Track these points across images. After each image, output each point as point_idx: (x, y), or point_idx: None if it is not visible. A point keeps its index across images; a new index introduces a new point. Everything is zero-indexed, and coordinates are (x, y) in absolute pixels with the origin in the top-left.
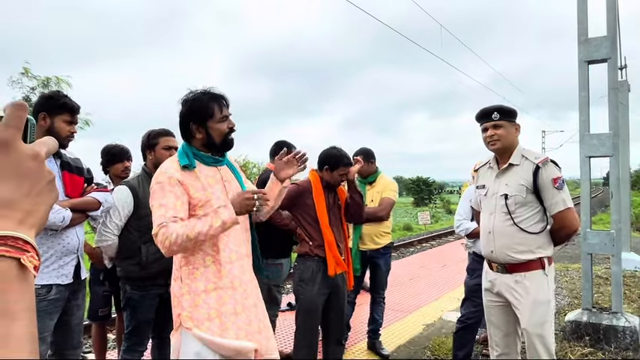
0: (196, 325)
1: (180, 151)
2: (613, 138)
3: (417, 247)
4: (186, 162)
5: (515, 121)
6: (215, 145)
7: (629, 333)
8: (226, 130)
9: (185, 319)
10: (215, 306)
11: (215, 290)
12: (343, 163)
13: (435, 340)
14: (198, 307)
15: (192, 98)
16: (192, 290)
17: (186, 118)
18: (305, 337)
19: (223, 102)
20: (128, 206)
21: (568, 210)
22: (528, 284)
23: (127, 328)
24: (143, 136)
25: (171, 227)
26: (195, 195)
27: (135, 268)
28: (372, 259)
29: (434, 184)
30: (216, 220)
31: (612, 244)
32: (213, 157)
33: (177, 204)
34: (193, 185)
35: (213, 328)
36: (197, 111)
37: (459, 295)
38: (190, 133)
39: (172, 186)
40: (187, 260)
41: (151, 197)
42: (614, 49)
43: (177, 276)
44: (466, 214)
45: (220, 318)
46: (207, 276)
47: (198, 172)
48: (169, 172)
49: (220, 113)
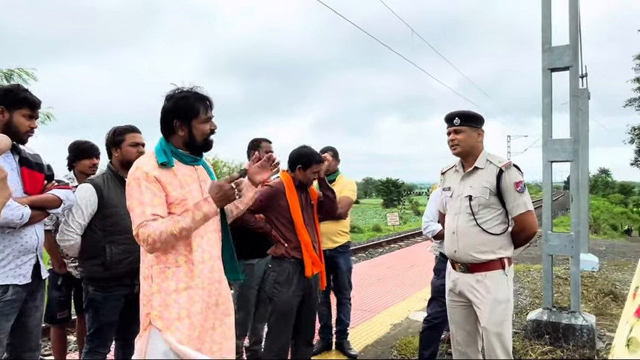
0: (166, 325)
1: (158, 147)
2: (573, 143)
3: (385, 248)
4: (165, 159)
5: (478, 126)
6: (196, 144)
7: (586, 331)
8: (208, 131)
9: (155, 319)
10: (186, 305)
11: (186, 290)
12: (315, 160)
13: (402, 340)
14: (168, 306)
15: (180, 96)
16: (162, 289)
17: (170, 114)
18: (278, 338)
19: (208, 103)
20: (92, 205)
21: (528, 213)
22: (489, 283)
23: (89, 330)
24: (108, 132)
25: (152, 225)
26: (173, 193)
27: (99, 268)
28: (332, 258)
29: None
30: (198, 214)
31: (571, 246)
32: (191, 156)
33: (154, 201)
34: (171, 183)
35: (182, 328)
36: (183, 109)
37: (426, 295)
38: (173, 129)
39: (150, 183)
40: (159, 259)
41: (127, 193)
42: (576, 57)
43: (148, 275)
44: (433, 216)
45: (190, 318)
46: (179, 275)
47: (175, 170)
48: (146, 169)
49: (205, 114)
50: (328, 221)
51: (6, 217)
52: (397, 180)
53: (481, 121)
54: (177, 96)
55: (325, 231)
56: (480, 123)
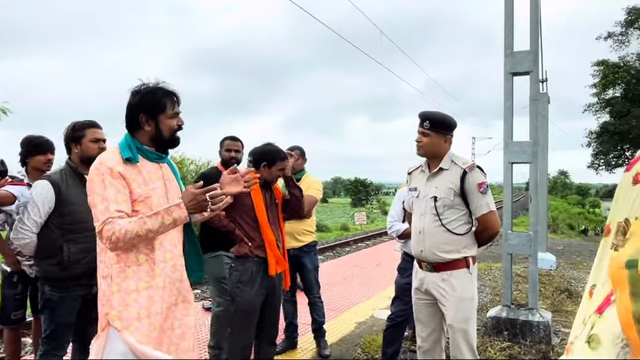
0: (125, 325)
1: (123, 142)
2: (533, 146)
3: (352, 247)
4: (129, 154)
5: (447, 133)
6: (162, 140)
7: (543, 327)
8: (175, 127)
9: (113, 319)
10: (145, 305)
11: (147, 290)
12: (280, 157)
13: (366, 338)
14: (128, 306)
15: (146, 90)
16: (122, 289)
17: (136, 109)
18: (241, 339)
19: (176, 98)
20: (49, 202)
21: (491, 213)
22: (454, 282)
23: (45, 332)
24: (67, 127)
25: (118, 223)
26: (137, 190)
27: (55, 268)
28: (297, 258)
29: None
30: (168, 218)
31: (530, 245)
32: (156, 153)
33: (119, 197)
34: (135, 180)
35: (142, 328)
36: (150, 104)
37: (391, 294)
38: (139, 124)
39: (114, 178)
40: (119, 258)
41: (89, 189)
42: (536, 63)
43: (107, 274)
44: (398, 216)
45: (149, 318)
46: (140, 275)
47: (140, 167)
48: (110, 164)
49: (172, 109)
50: (293, 220)
51: None
52: (365, 180)
53: (452, 127)
54: (143, 91)
55: (290, 230)
56: (450, 130)
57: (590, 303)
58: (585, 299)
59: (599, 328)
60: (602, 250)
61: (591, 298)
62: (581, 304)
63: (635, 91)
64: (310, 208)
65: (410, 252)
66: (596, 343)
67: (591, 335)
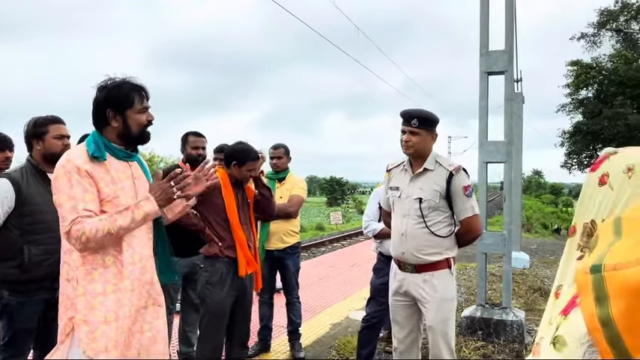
0: (91, 329)
1: (90, 139)
2: (507, 145)
3: (328, 247)
4: (97, 152)
5: (433, 129)
6: (131, 136)
7: (516, 326)
8: (145, 122)
9: (79, 323)
10: (113, 308)
11: (114, 292)
12: (250, 157)
13: (341, 340)
14: (94, 309)
15: (112, 85)
16: (88, 292)
17: (103, 105)
18: (210, 341)
19: (144, 92)
20: (8, 202)
21: (475, 216)
22: (436, 283)
23: (4, 339)
24: (27, 123)
25: (87, 222)
26: (105, 189)
27: (14, 271)
28: (280, 259)
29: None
30: (139, 213)
31: (504, 244)
32: (125, 151)
33: (86, 197)
34: (103, 178)
35: (109, 332)
36: (116, 98)
37: (366, 295)
38: (106, 120)
39: (81, 177)
40: (85, 259)
41: (55, 188)
42: (511, 62)
43: (73, 276)
44: (374, 215)
45: (117, 321)
46: (107, 277)
47: (108, 165)
48: (78, 162)
49: (141, 104)
50: (280, 220)
51: None
52: (341, 178)
53: (437, 123)
54: (110, 85)
55: (276, 231)
56: (435, 126)
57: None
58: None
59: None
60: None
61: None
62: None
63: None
64: (297, 208)
65: (386, 252)
66: (561, 344)
67: (556, 336)
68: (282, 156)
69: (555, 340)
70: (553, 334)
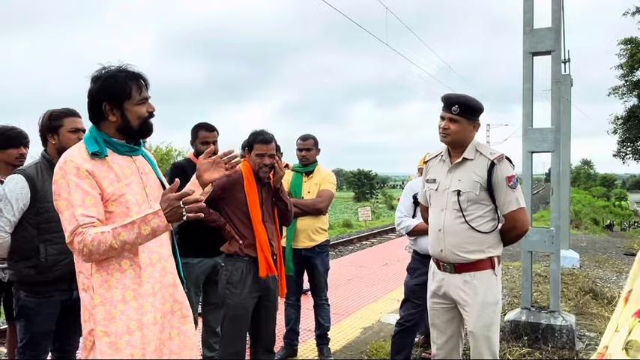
0: (114, 341)
1: (88, 136)
2: (555, 133)
3: (356, 245)
4: (96, 149)
5: (476, 118)
6: (132, 129)
7: (566, 332)
8: (145, 114)
9: (100, 336)
10: (135, 317)
11: (135, 299)
12: (258, 139)
13: (373, 345)
14: (115, 319)
15: (107, 75)
16: (107, 300)
17: (98, 98)
18: (232, 345)
19: (142, 82)
20: (24, 199)
21: (521, 210)
22: (477, 284)
23: (21, 341)
24: (42, 116)
25: (88, 234)
26: (109, 189)
27: (31, 271)
28: (308, 259)
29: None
30: (146, 228)
31: (551, 242)
32: (127, 145)
33: (86, 200)
34: (106, 177)
35: (134, 342)
36: (113, 90)
37: (399, 296)
38: (102, 115)
39: (81, 179)
40: (100, 266)
41: (54, 192)
42: (558, 41)
43: (88, 285)
44: (407, 211)
45: (142, 330)
46: (125, 282)
47: (110, 162)
48: (77, 162)
49: (139, 94)
50: (308, 217)
51: None
52: (370, 171)
53: (480, 112)
54: (104, 75)
55: (304, 228)
56: (478, 114)
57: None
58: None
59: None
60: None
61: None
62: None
63: None
64: (327, 204)
65: (421, 250)
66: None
67: (629, 341)
68: (311, 148)
69: (629, 346)
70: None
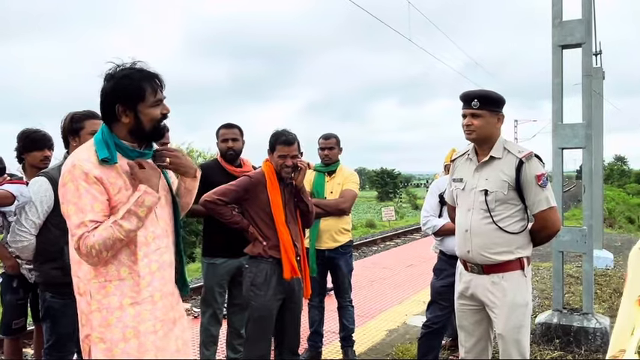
0: (109, 347)
1: (99, 138)
2: (586, 128)
3: (380, 246)
4: (106, 155)
5: (499, 110)
6: (144, 132)
7: (600, 335)
8: (159, 117)
9: (95, 341)
10: (132, 324)
11: (132, 306)
12: (280, 141)
13: (399, 347)
14: (111, 326)
15: (121, 75)
16: (103, 307)
17: (111, 98)
18: (257, 348)
19: (157, 82)
20: (48, 201)
21: (551, 209)
22: (506, 285)
23: (47, 342)
24: (64, 118)
25: (93, 235)
26: (117, 196)
27: (57, 272)
28: (332, 260)
29: (400, 176)
30: (142, 210)
31: (584, 242)
32: (137, 151)
33: (95, 206)
34: (114, 184)
35: (130, 350)
36: (126, 91)
37: (425, 298)
38: (115, 116)
39: (90, 184)
40: (98, 272)
41: (62, 196)
42: (589, 33)
43: (85, 290)
44: (433, 210)
45: (139, 338)
46: (123, 290)
47: (119, 168)
48: (86, 167)
49: (154, 96)
50: (331, 218)
51: None
52: (393, 170)
53: (502, 103)
54: (118, 75)
55: (327, 229)
56: (500, 106)
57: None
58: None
59: None
60: None
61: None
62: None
63: None
64: (350, 204)
65: (448, 251)
66: None
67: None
68: (333, 147)
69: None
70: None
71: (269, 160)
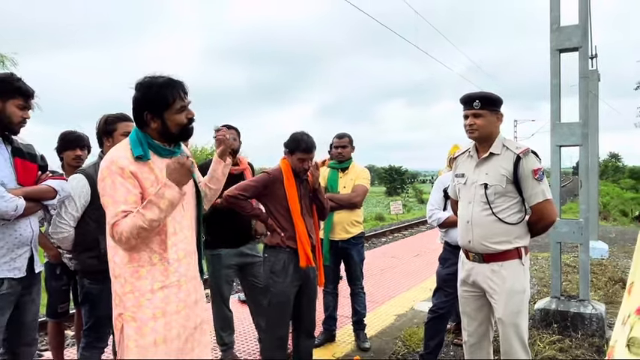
0: (140, 326)
1: (134, 138)
2: (583, 127)
3: (389, 237)
4: (140, 152)
5: (498, 109)
6: (172, 135)
7: (596, 320)
8: (185, 121)
9: (128, 320)
10: (160, 305)
11: (161, 290)
12: (301, 149)
13: (407, 331)
14: (142, 306)
15: (148, 85)
16: (136, 289)
17: (140, 106)
18: (276, 330)
19: (182, 90)
20: (85, 196)
21: (547, 201)
22: (505, 273)
23: (86, 324)
24: (99, 120)
25: (122, 223)
26: (150, 189)
27: (93, 261)
28: (344, 249)
29: (407, 173)
30: (163, 202)
31: (580, 233)
32: (167, 149)
33: (129, 198)
34: (147, 179)
35: (158, 327)
36: (152, 100)
37: (431, 285)
38: (145, 122)
39: (125, 179)
40: (132, 257)
41: (101, 189)
42: (585, 37)
43: (120, 274)
44: (438, 204)
45: (165, 317)
46: (154, 274)
47: (152, 164)
48: (122, 163)
49: (178, 103)
50: (343, 211)
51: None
52: (400, 167)
53: (501, 103)
54: (145, 85)
55: (340, 221)
56: (499, 106)
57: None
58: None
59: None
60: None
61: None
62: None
63: None
64: (362, 198)
65: (452, 241)
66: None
67: (631, 338)
68: (346, 145)
69: (630, 342)
70: (627, 336)
71: (287, 158)
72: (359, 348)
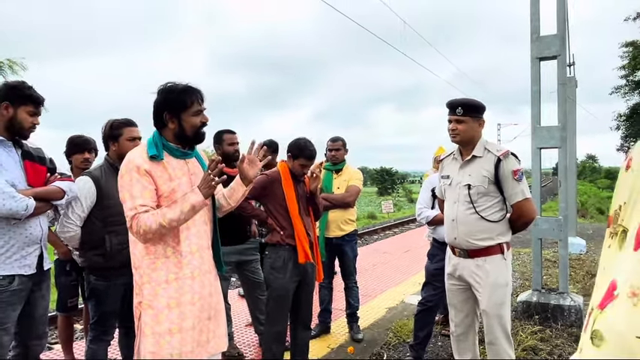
0: (156, 313)
1: (150, 140)
2: (561, 130)
3: (380, 235)
4: (155, 152)
5: (480, 116)
6: (186, 137)
7: (574, 311)
8: (199, 124)
9: (145, 308)
10: (175, 295)
11: (176, 280)
12: (304, 155)
13: (398, 323)
14: (158, 296)
15: (169, 89)
16: (152, 279)
17: (160, 107)
18: (275, 323)
19: (199, 96)
20: (91, 197)
21: (526, 200)
22: (489, 268)
23: (93, 318)
24: (105, 125)
25: (143, 218)
26: (162, 187)
27: (99, 258)
28: (339, 246)
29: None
30: (186, 205)
31: (560, 230)
32: (181, 150)
33: (145, 193)
34: (161, 176)
35: (172, 317)
36: (172, 101)
37: (420, 280)
38: (163, 122)
39: (141, 176)
40: (148, 250)
41: (120, 185)
42: (564, 46)
43: (139, 265)
44: (426, 203)
45: (179, 307)
46: (168, 266)
47: (166, 164)
48: (137, 162)
49: (195, 107)
50: (338, 210)
51: (11, 209)
52: (391, 169)
53: (483, 110)
54: (166, 89)
55: (334, 219)
56: (482, 112)
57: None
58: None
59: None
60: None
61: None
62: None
63: None
64: (355, 198)
65: (439, 238)
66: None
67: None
68: (340, 148)
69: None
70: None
71: (287, 162)
72: (352, 339)
